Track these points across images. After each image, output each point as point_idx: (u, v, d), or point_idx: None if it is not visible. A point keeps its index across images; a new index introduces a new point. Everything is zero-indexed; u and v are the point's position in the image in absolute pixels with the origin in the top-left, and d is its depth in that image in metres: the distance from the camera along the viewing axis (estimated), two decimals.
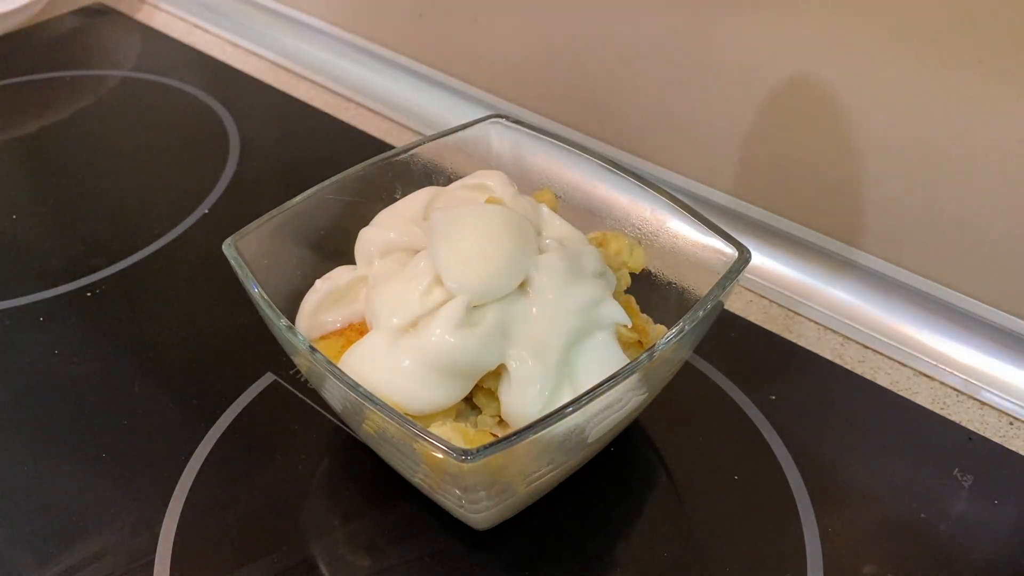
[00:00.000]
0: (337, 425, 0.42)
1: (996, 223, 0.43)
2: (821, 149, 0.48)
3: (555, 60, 0.57)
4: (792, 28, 0.46)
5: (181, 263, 0.53)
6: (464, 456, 0.29)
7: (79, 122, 0.67)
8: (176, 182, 0.60)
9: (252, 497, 0.39)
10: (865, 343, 0.48)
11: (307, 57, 0.73)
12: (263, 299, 0.35)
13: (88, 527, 0.38)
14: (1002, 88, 0.40)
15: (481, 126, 0.44)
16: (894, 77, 0.43)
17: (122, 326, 0.48)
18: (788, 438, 0.42)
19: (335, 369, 0.32)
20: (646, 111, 0.55)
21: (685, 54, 0.50)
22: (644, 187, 0.41)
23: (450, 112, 0.64)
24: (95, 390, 0.44)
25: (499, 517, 0.36)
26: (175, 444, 0.41)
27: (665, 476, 0.41)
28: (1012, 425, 0.44)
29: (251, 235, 0.37)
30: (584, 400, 0.30)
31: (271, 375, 0.45)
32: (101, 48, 0.77)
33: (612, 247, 0.40)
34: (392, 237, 0.39)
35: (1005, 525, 0.39)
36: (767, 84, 0.48)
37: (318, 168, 0.45)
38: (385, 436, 0.33)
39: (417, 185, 0.43)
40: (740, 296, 0.51)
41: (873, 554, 0.38)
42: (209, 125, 0.65)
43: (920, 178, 0.45)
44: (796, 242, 0.51)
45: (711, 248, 0.38)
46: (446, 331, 0.33)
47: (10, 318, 0.49)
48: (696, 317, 0.34)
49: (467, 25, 0.61)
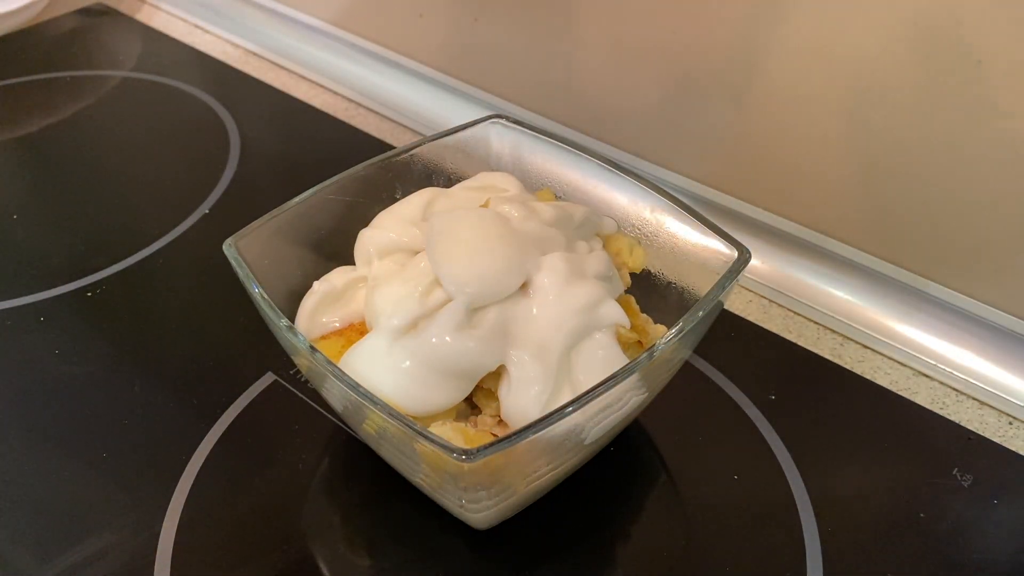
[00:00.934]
0: (337, 425, 0.42)
1: (996, 223, 0.43)
2: (821, 149, 0.48)
3: (555, 60, 0.57)
4: (792, 28, 0.46)
5: (181, 263, 0.53)
6: (464, 456, 0.29)
7: (79, 122, 0.67)
8: (176, 182, 0.60)
9: (252, 497, 0.39)
10: (865, 343, 0.48)
11: (307, 57, 0.73)
12: (263, 299, 0.35)
13: (88, 527, 0.38)
14: (1002, 88, 0.40)
15: (481, 126, 0.44)
16: (894, 77, 0.43)
17: (122, 326, 0.48)
18: (788, 438, 0.42)
19: (335, 369, 0.32)
20: (646, 111, 0.55)
21: (685, 54, 0.50)
22: (644, 187, 0.41)
23: (450, 112, 0.64)
24: (95, 390, 0.44)
25: (499, 517, 0.36)
26: (175, 444, 0.41)
27: (665, 476, 0.41)
28: (1012, 425, 0.44)
29: (251, 235, 0.37)
30: (584, 400, 0.30)
31: (271, 375, 0.45)
32: (101, 48, 0.77)
33: (612, 247, 0.40)
34: (392, 238, 0.39)
35: (1005, 525, 0.39)
36: (767, 84, 0.48)
37: (318, 168, 0.45)
38: (385, 436, 0.33)
39: (417, 185, 0.43)
40: (740, 296, 0.51)
41: (873, 554, 0.38)
42: (209, 125, 0.65)
43: (920, 178, 0.45)
44: (796, 242, 0.51)
45: (711, 248, 0.38)
46: (446, 332, 0.33)
47: (10, 318, 0.49)
48: (696, 317, 0.34)
49: (467, 25, 0.61)
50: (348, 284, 0.39)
